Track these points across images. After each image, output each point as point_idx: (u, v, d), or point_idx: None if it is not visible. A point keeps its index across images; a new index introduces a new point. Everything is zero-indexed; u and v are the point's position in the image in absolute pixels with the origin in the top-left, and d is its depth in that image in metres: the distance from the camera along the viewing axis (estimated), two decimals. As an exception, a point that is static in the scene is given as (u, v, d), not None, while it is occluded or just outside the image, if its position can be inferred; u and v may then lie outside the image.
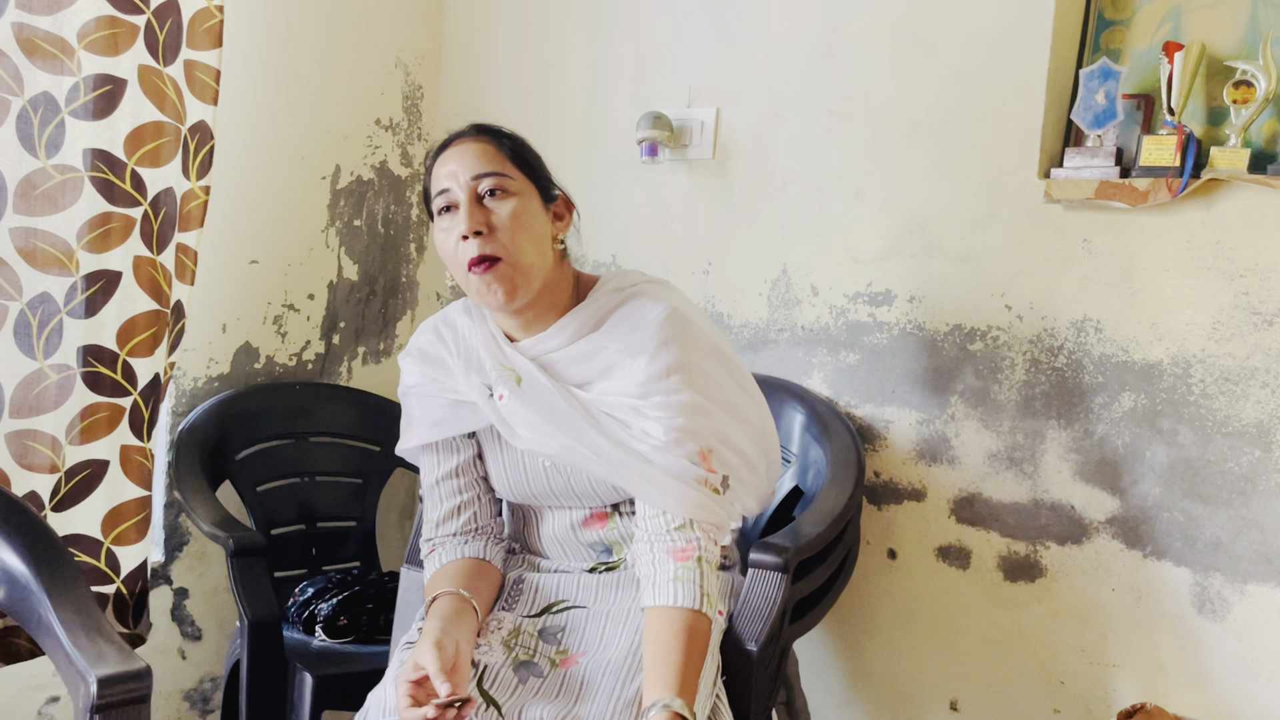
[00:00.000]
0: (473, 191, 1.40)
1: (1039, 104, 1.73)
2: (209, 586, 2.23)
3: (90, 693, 1.16)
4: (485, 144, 1.43)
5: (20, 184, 1.70)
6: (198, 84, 1.87)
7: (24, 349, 1.74)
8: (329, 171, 2.35)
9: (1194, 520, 1.63)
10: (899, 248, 1.89)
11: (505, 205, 1.40)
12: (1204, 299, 1.61)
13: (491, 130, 1.46)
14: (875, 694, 1.97)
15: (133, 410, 1.85)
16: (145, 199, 1.81)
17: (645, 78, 2.19)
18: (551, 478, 1.49)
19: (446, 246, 1.41)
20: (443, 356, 1.52)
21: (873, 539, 1.95)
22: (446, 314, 1.57)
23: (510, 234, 1.38)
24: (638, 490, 1.40)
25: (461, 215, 1.38)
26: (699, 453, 1.40)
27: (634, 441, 1.39)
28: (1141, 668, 1.69)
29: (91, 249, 1.77)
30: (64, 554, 1.37)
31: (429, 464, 1.55)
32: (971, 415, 1.83)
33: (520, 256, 1.39)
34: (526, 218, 1.40)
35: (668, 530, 1.38)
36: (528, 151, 1.47)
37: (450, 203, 1.41)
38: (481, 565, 1.49)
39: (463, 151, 1.42)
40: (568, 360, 1.45)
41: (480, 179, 1.40)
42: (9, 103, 1.67)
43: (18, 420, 1.74)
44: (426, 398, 1.52)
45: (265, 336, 2.29)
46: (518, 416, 1.43)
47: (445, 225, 1.42)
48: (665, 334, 1.41)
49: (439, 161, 1.44)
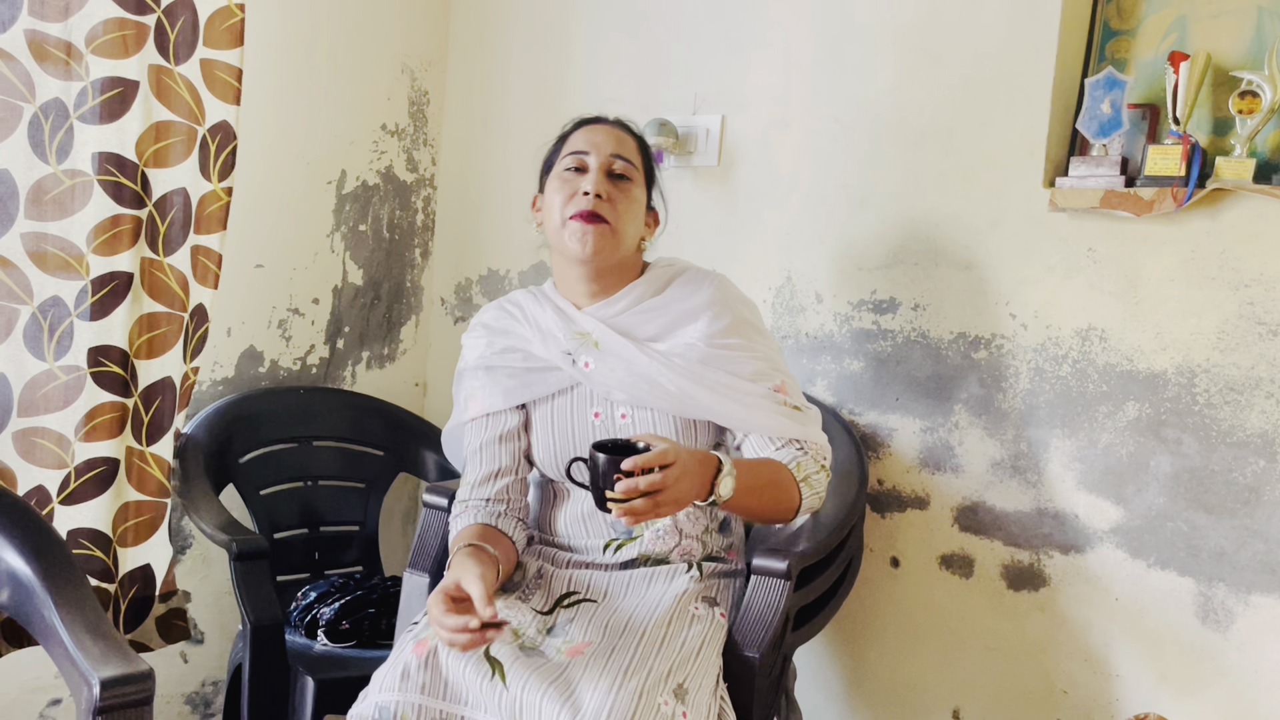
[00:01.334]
0: (607, 165, 1.59)
1: (1044, 113, 1.74)
2: (212, 590, 2.23)
3: (93, 695, 1.16)
4: (628, 137, 1.64)
5: (31, 190, 1.71)
6: (218, 83, 1.87)
7: (34, 351, 1.75)
8: (335, 176, 2.36)
9: (1198, 530, 1.63)
10: (903, 255, 1.89)
11: (626, 190, 1.59)
12: (1209, 309, 1.61)
13: (634, 132, 1.66)
14: (877, 702, 1.96)
15: (135, 412, 1.86)
16: (150, 200, 1.82)
17: (651, 84, 2.20)
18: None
19: (558, 196, 1.58)
20: (512, 326, 1.65)
21: (876, 547, 1.95)
22: (510, 296, 1.71)
23: (622, 209, 1.58)
24: (739, 421, 1.56)
25: (591, 177, 1.57)
26: (773, 388, 1.58)
27: (718, 377, 1.55)
28: (1145, 678, 1.68)
29: (100, 252, 1.78)
30: (67, 556, 1.38)
31: (477, 430, 1.65)
32: (975, 423, 1.83)
33: (620, 228, 1.57)
34: (636, 207, 1.61)
35: (775, 450, 1.56)
36: (651, 162, 1.68)
37: (582, 164, 1.59)
38: (505, 539, 1.56)
39: (609, 131, 1.62)
40: (634, 320, 1.60)
41: (616, 159, 1.59)
42: (21, 110, 1.68)
43: (25, 419, 1.75)
44: (493, 369, 1.64)
45: (270, 340, 2.29)
46: (608, 377, 1.57)
47: (566, 178, 1.59)
48: (720, 297, 1.61)
49: (581, 131, 1.63)
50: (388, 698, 1.34)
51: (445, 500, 1.74)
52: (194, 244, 1.90)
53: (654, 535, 1.57)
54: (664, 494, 1.34)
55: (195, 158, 1.85)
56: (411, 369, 2.58)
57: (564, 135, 1.65)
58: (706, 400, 1.54)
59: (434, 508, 1.75)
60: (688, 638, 1.42)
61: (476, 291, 2.51)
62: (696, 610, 1.49)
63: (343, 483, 2.30)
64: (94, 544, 1.84)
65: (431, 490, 1.77)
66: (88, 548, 1.83)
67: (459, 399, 1.71)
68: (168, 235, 1.85)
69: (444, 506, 1.74)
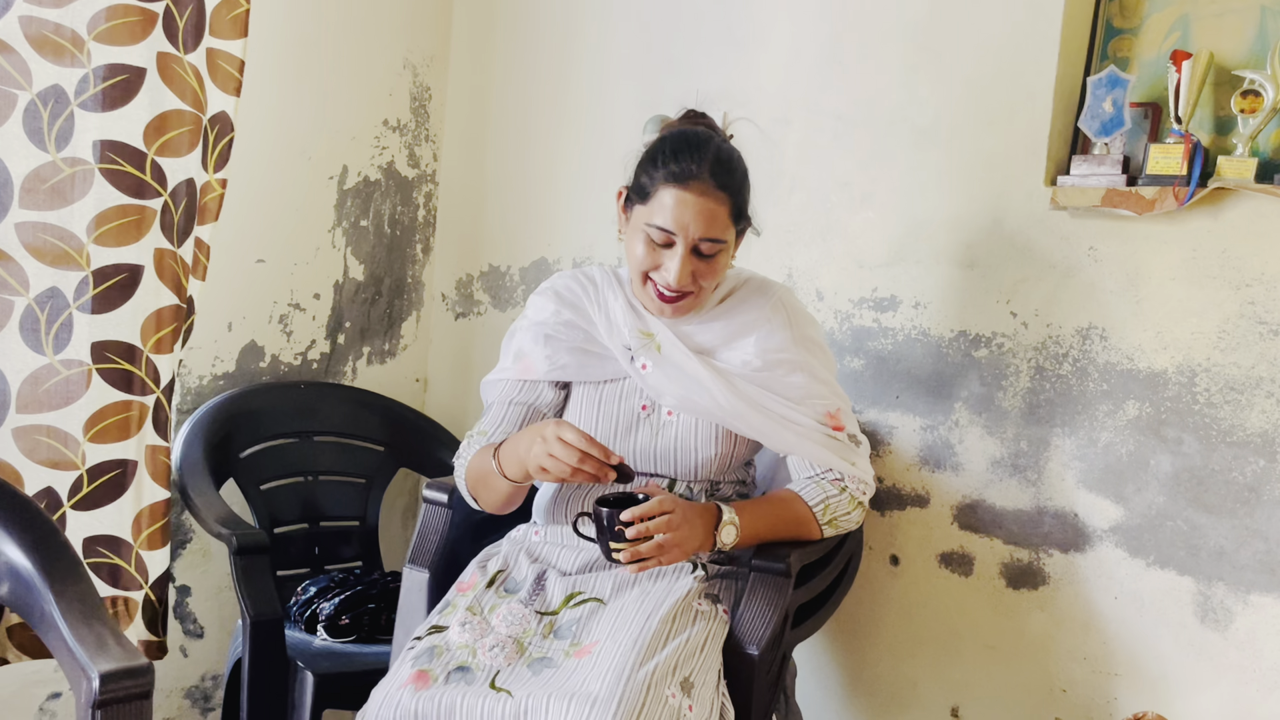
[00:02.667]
0: (693, 246, 1.51)
1: (1046, 111, 1.73)
2: (211, 584, 2.23)
3: (92, 688, 1.17)
4: (721, 205, 1.51)
5: (27, 178, 1.68)
6: (220, 73, 1.85)
7: (31, 344, 1.72)
8: (336, 172, 2.36)
9: (1198, 529, 1.63)
10: (905, 254, 1.89)
11: (713, 261, 1.54)
12: (1210, 308, 1.61)
13: (731, 187, 1.52)
14: (876, 700, 1.96)
15: (156, 408, 1.83)
16: (165, 190, 1.79)
17: (653, 81, 2.20)
18: (641, 437, 1.60)
19: (640, 250, 1.53)
20: (582, 303, 1.64)
21: (875, 545, 1.95)
22: (586, 271, 1.70)
23: (706, 282, 1.55)
24: (783, 445, 1.59)
25: (675, 267, 1.51)
26: (826, 413, 1.60)
27: (769, 401, 1.57)
28: (1143, 677, 1.68)
29: (104, 242, 1.75)
30: (68, 549, 1.38)
31: (512, 388, 1.67)
32: (975, 422, 1.83)
33: (702, 295, 1.58)
34: (722, 263, 1.56)
35: (813, 475, 1.60)
36: (745, 200, 1.57)
37: (668, 241, 1.52)
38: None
39: (699, 209, 1.49)
40: (697, 330, 1.61)
41: (704, 241, 1.51)
42: (16, 97, 1.66)
43: (26, 416, 1.73)
44: (554, 340, 1.64)
45: (271, 335, 2.29)
46: (662, 383, 1.58)
47: (650, 244, 1.52)
48: (782, 313, 1.62)
49: (673, 197, 1.49)
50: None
51: (445, 496, 1.74)
52: (195, 236, 1.88)
53: None
54: (669, 538, 1.40)
55: (200, 148, 1.84)
56: (412, 365, 2.58)
57: (651, 172, 1.52)
58: (756, 421, 1.56)
59: (434, 503, 1.75)
60: (692, 634, 1.43)
61: (478, 288, 2.51)
62: (700, 607, 1.49)
63: (343, 478, 2.30)
64: (113, 551, 1.81)
65: (432, 486, 1.77)
66: (106, 555, 1.80)
67: (507, 352, 1.70)
68: (180, 226, 1.83)
69: (444, 502, 1.74)
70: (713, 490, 1.62)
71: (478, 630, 1.45)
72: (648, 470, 1.62)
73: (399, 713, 1.34)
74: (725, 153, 1.54)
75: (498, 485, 1.55)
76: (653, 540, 1.40)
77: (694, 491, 1.61)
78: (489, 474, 1.55)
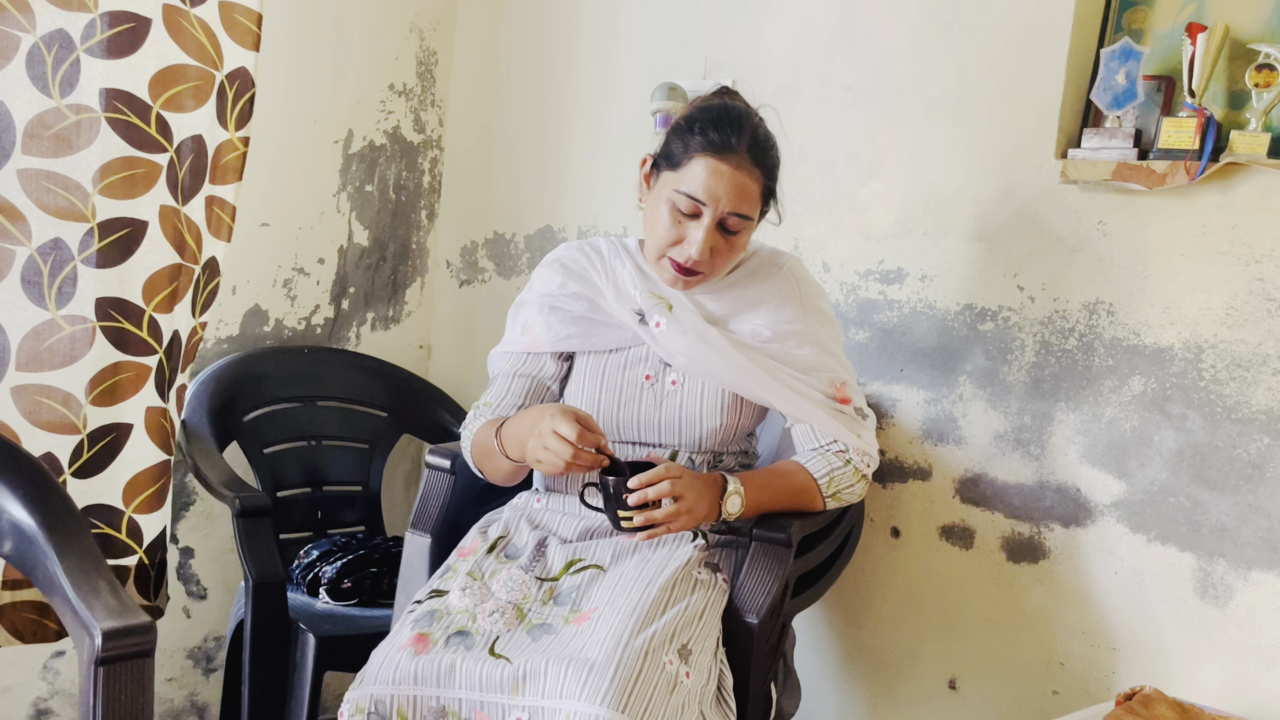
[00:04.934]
0: (720, 219, 1.50)
1: (1058, 83, 1.72)
2: (214, 546, 2.24)
3: (95, 645, 1.17)
4: (754, 183, 1.51)
5: (31, 124, 1.64)
6: (238, 28, 1.81)
7: (33, 298, 1.67)
8: (342, 136, 2.34)
9: (1200, 506, 1.63)
10: (912, 225, 1.88)
11: (737, 239, 1.54)
12: (1218, 284, 1.60)
13: (766, 167, 1.53)
14: (873, 671, 1.97)
15: (158, 370, 1.81)
16: (171, 145, 1.76)
17: (660, 48, 2.18)
18: (644, 407, 1.60)
19: (663, 223, 1.52)
20: (589, 273, 1.64)
21: (876, 517, 1.95)
22: (591, 241, 1.69)
23: (725, 260, 1.55)
24: (790, 408, 1.58)
25: (699, 240, 1.50)
26: (832, 384, 1.61)
27: (778, 369, 1.57)
28: (1142, 651, 1.69)
29: (111, 194, 1.71)
30: (70, 507, 1.38)
31: (517, 360, 1.68)
32: (979, 395, 1.82)
33: (718, 272, 1.57)
34: (742, 243, 1.56)
35: (817, 447, 1.59)
36: (776, 184, 1.57)
37: (696, 211, 1.50)
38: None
39: (733, 182, 1.48)
40: (709, 300, 1.61)
41: (732, 216, 1.50)
42: (18, 39, 1.61)
43: (26, 374, 1.69)
44: (559, 310, 1.64)
45: (275, 299, 2.29)
46: (675, 342, 1.58)
47: (677, 215, 1.51)
48: (793, 284, 1.62)
49: (708, 167, 1.48)
50: (382, 690, 1.35)
51: (448, 462, 1.74)
52: (209, 194, 1.84)
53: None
54: (675, 506, 1.42)
55: (213, 104, 1.79)
56: (416, 331, 2.57)
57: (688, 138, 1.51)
58: (765, 382, 1.56)
59: (437, 469, 1.75)
60: (691, 601, 1.43)
61: (482, 255, 2.50)
62: (700, 575, 1.50)
63: (346, 443, 2.31)
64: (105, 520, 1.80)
65: (434, 452, 1.77)
66: (97, 525, 1.79)
67: (514, 324, 1.71)
68: (185, 184, 1.80)
69: (446, 468, 1.74)
70: (715, 462, 1.62)
71: (478, 595, 1.46)
72: (651, 441, 1.62)
73: (398, 674, 1.35)
74: (764, 133, 1.54)
75: (500, 463, 1.56)
76: (660, 508, 1.41)
77: (696, 463, 1.61)
78: (492, 452, 1.56)
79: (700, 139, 1.49)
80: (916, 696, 1.92)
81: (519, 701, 1.30)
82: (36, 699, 2.05)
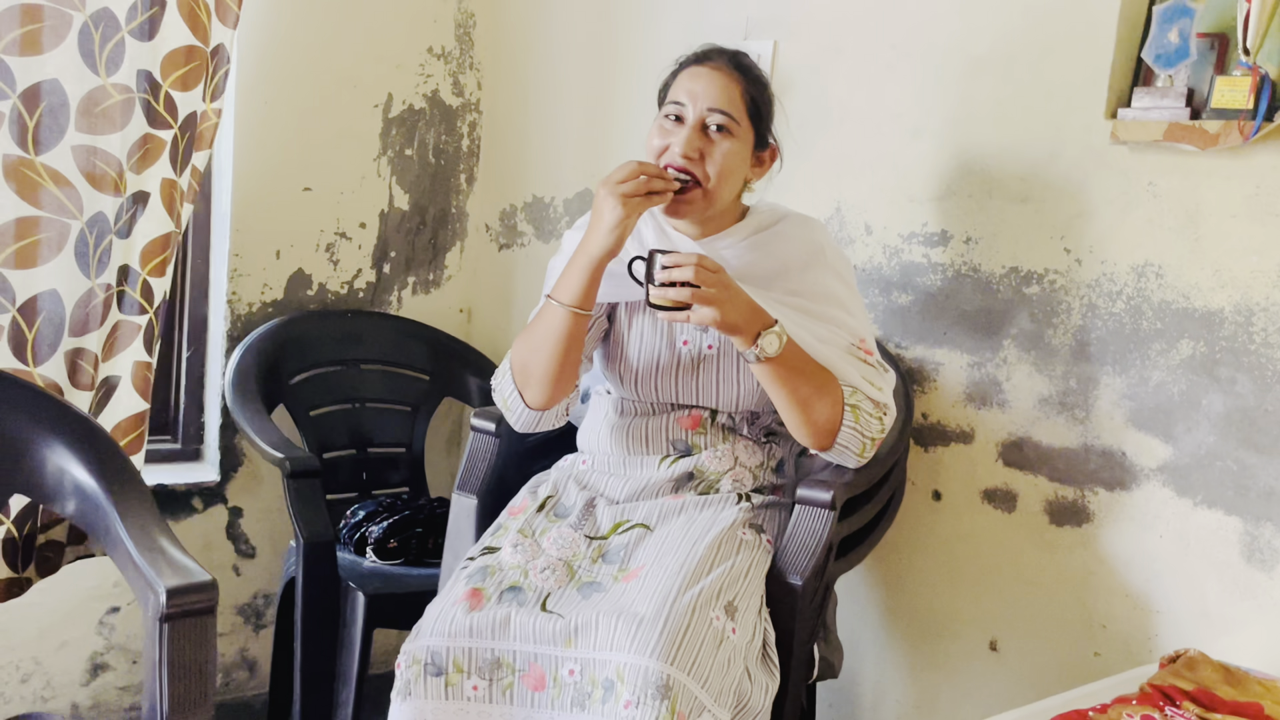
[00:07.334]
0: (702, 120, 1.54)
1: (1109, 41, 1.69)
2: (262, 506, 2.29)
3: (160, 602, 1.21)
4: (733, 82, 1.56)
5: (83, 101, 1.71)
6: (224, 7, 1.87)
7: (83, 269, 1.77)
8: (381, 100, 2.35)
9: (1247, 470, 1.62)
10: (956, 188, 1.86)
11: (723, 144, 1.55)
12: (1271, 246, 1.58)
13: (744, 68, 1.59)
14: (915, 632, 1.99)
15: (146, 328, 1.89)
16: (176, 122, 1.83)
17: (701, 7, 2.16)
18: (682, 366, 1.60)
19: (655, 142, 1.57)
20: None
21: (918, 480, 1.96)
22: None
23: (716, 167, 1.55)
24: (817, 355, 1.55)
25: (682, 136, 1.53)
26: (850, 342, 1.60)
27: (803, 320, 1.57)
28: (1185, 615, 1.69)
29: (136, 169, 1.80)
30: (131, 469, 1.42)
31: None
32: (1024, 359, 1.82)
33: (712, 187, 1.56)
34: (734, 159, 1.56)
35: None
36: (763, 101, 1.61)
37: (679, 115, 1.55)
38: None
39: (711, 80, 1.55)
40: (734, 257, 1.61)
41: (713, 113, 1.53)
42: (71, 18, 1.67)
43: (74, 339, 1.78)
44: None
45: (318, 264, 2.31)
46: None
47: (667, 127, 1.56)
48: (816, 247, 1.63)
49: (687, 74, 1.58)
50: (439, 643, 1.38)
51: (492, 424, 1.76)
52: (192, 165, 1.93)
53: (711, 454, 1.59)
54: (706, 292, 1.40)
55: (204, 81, 1.87)
56: (456, 295, 2.59)
57: (674, 70, 1.62)
58: (792, 329, 1.54)
59: (482, 431, 1.77)
60: (737, 561, 1.45)
61: (521, 219, 2.50)
62: (744, 536, 1.51)
63: (389, 405, 2.34)
64: None
65: (479, 415, 1.79)
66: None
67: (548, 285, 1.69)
68: (182, 156, 1.88)
69: (491, 431, 1.76)
70: (753, 421, 1.63)
71: (529, 552, 1.49)
72: (689, 402, 1.63)
73: (454, 627, 1.38)
74: (748, 59, 1.59)
75: (551, 327, 1.52)
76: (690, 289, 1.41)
77: (736, 422, 1.62)
78: (536, 325, 1.56)
79: (680, 62, 1.61)
80: (957, 658, 1.93)
81: (571, 654, 1.33)
82: (94, 653, 2.11)
